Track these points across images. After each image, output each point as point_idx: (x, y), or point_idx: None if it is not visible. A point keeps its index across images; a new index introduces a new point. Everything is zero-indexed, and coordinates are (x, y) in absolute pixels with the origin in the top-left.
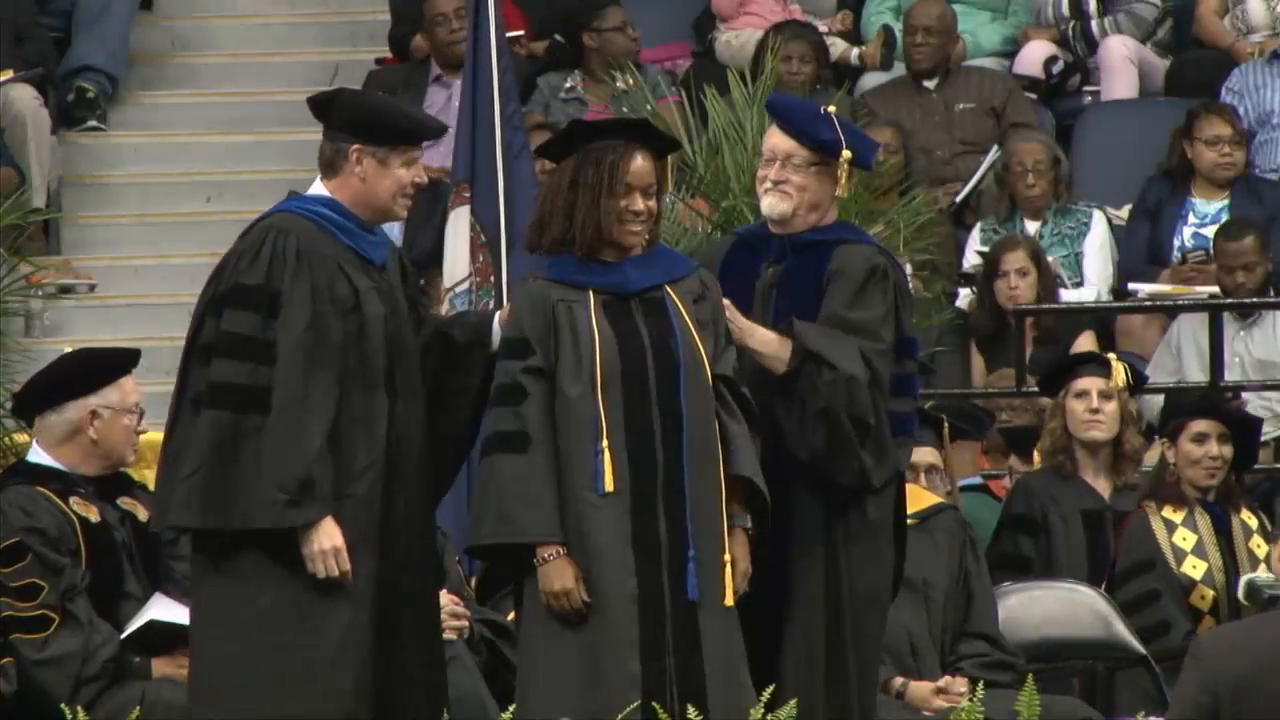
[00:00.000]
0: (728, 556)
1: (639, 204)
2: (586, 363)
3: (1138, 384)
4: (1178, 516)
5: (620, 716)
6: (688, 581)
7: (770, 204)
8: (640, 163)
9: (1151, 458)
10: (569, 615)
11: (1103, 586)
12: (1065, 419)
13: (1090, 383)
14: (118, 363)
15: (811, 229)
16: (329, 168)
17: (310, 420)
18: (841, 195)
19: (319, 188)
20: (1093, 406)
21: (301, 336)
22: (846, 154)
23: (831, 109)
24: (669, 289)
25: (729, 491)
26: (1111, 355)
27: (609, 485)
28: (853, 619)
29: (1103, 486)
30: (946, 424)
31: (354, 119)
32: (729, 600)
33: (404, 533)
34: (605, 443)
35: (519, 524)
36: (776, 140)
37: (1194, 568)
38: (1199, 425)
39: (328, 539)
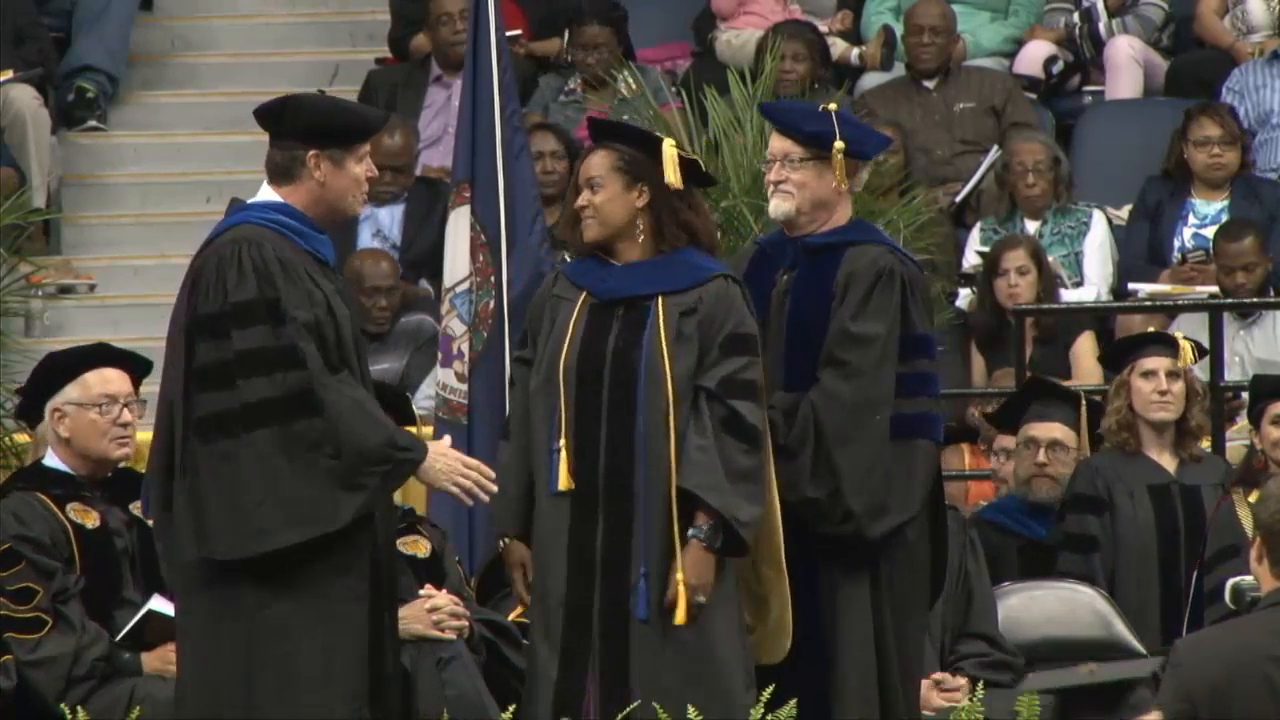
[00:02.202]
0: (680, 575)
1: (583, 198)
2: (549, 360)
3: (1200, 355)
4: None
5: (621, 716)
6: (638, 599)
7: (774, 206)
8: (590, 158)
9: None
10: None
11: (1194, 574)
12: (1130, 397)
13: (1158, 362)
14: (78, 359)
15: (826, 231)
16: (283, 175)
17: (361, 394)
18: (842, 188)
19: (269, 194)
20: (1161, 388)
21: (315, 333)
22: (839, 144)
23: (832, 107)
24: (661, 299)
25: (682, 504)
26: (1179, 334)
27: (562, 484)
28: (895, 627)
29: (1168, 462)
30: (1084, 402)
31: (310, 125)
32: (680, 619)
33: (384, 531)
34: (562, 441)
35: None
36: (774, 142)
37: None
38: (1277, 407)
39: (452, 459)
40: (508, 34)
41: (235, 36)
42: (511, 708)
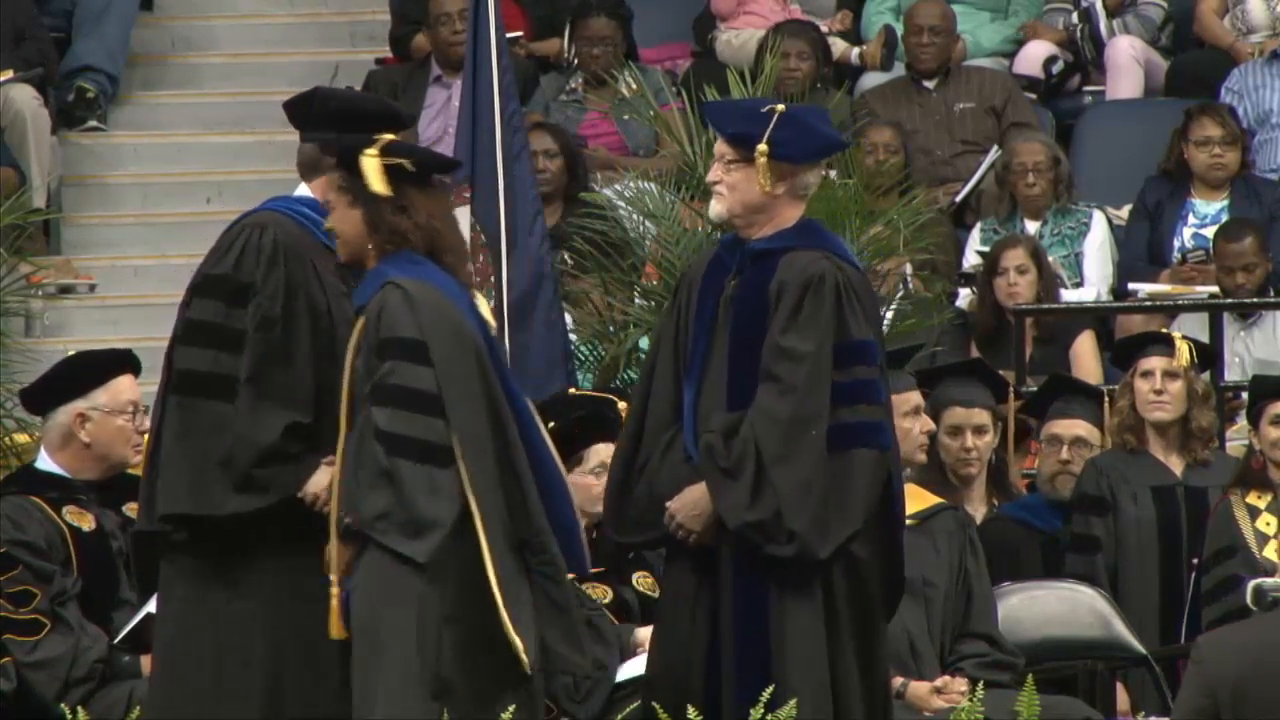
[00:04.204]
0: (335, 590)
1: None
2: None
3: (1205, 361)
4: (1262, 502)
5: (620, 717)
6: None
7: (710, 207)
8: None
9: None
10: None
11: (1191, 575)
12: (1133, 397)
13: (1155, 362)
14: (108, 364)
15: (769, 235)
16: (313, 169)
17: (269, 412)
18: (775, 191)
19: (304, 190)
20: (1157, 387)
21: (272, 330)
22: (761, 148)
23: (780, 108)
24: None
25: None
26: (1177, 334)
27: None
28: (852, 646)
29: (1174, 464)
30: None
31: (336, 113)
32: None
33: None
34: None
35: None
36: (716, 144)
37: (1276, 553)
38: (1276, 407)
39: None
40: (509, 36)
41: (235, 36)
42: (511, 707)
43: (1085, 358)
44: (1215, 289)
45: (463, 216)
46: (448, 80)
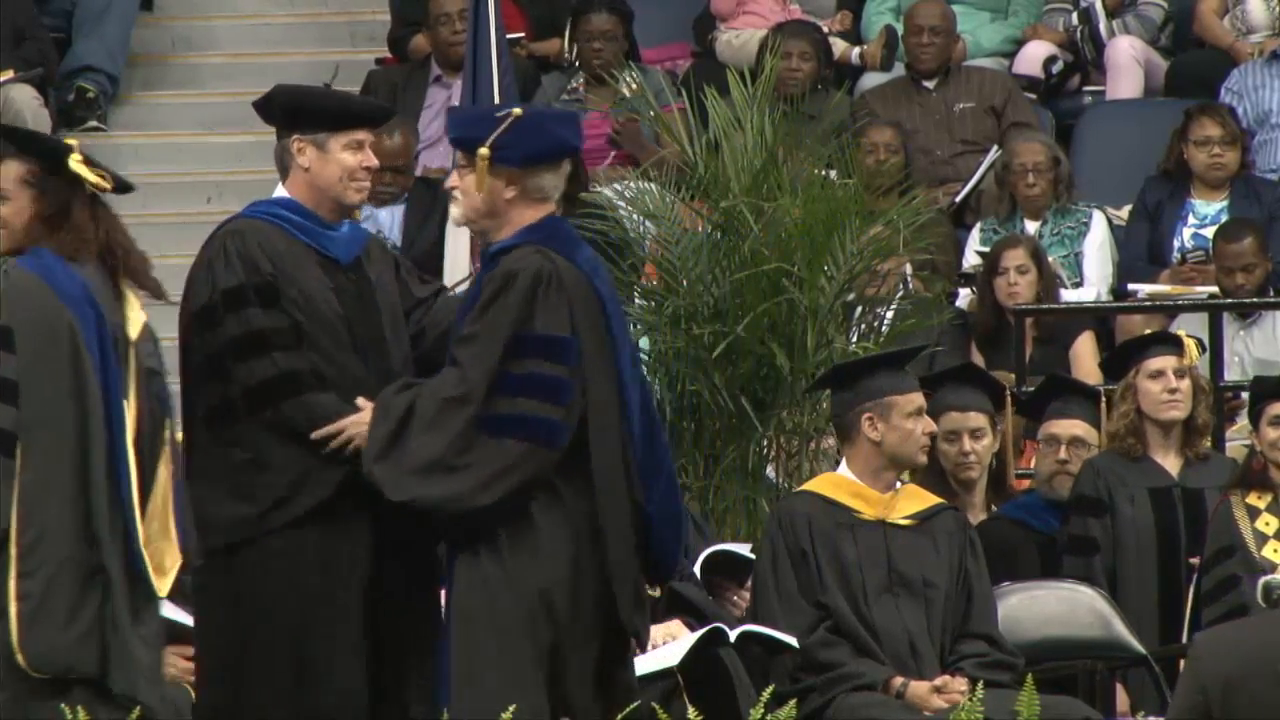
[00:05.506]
0: None
1: None
2: None
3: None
4: (1262, 502)
5: (620, 716)
6: None
7: (450, 211)
8: None
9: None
10: None
11: (1189, 575)
12: (1137, 400)
13: (1165, 362)
14: None
15: (509, 236)
16: (281, 168)
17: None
18: (504, 195)
19: (279, 191)
20: (1171, 386)
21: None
22: (482, 151)
23: (516, 112)
24: None
25: None
26: (1181, 331)
27: None
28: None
29: (1171, 464)
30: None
31: (286, 110)
32: None
33: (389, 543)
34: None
35: None
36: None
37: (1275, 552)
38: (1276, 408)
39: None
40: (510, 37)
41: (235, 36)
42: (512, 707)
43: (1085, 358)
44: (1215, 289)
45: None
46: (448, 80)
